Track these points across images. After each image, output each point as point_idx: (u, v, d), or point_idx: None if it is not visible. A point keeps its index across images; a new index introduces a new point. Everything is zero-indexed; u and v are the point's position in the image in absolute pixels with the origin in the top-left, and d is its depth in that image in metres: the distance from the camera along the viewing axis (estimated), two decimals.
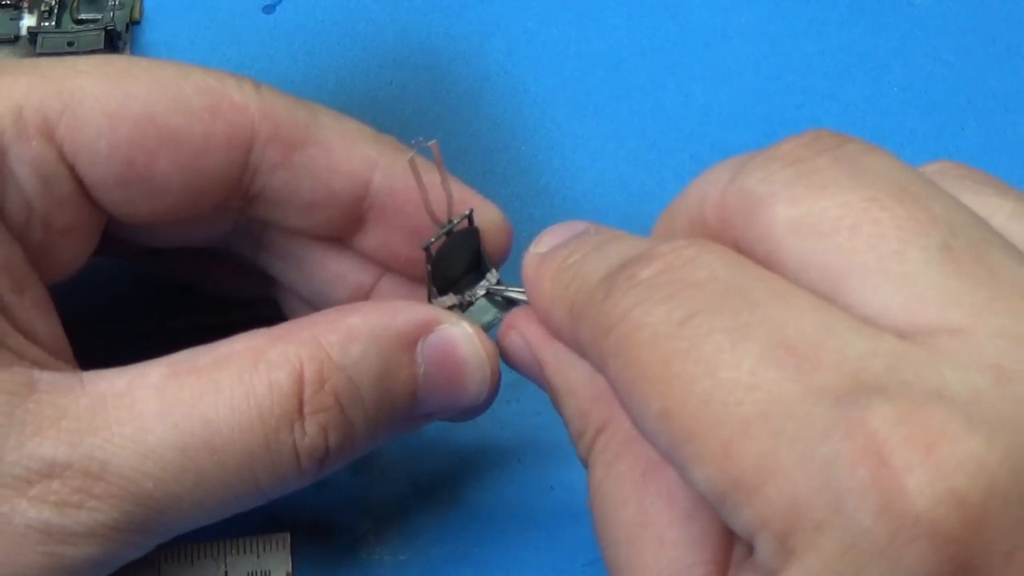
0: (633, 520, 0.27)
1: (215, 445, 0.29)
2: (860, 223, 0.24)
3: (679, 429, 0.23)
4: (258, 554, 0.36)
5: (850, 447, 0.21)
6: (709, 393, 0.22)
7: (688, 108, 0.45)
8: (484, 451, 0.39)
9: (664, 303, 0.24)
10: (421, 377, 0.31)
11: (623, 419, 0.28)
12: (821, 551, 0.21)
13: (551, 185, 0.44)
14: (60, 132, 0.31)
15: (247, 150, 0.32)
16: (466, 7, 0.47)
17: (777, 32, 0.47)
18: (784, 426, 0.22)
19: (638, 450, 0.27)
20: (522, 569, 0.37)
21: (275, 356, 0.29)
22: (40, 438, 0.28)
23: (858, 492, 0.21)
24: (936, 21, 0.47)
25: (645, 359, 0.24)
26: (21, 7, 0.46)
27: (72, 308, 0.32)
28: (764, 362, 0.22)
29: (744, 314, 0.23)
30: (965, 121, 0.45)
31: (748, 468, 0.22)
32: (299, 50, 0.46)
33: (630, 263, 0.25)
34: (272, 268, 0.36)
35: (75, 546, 0.28)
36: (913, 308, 0.23)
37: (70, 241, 0.32)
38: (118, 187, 0.32)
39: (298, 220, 0.34)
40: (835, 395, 0.21)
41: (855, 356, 0.22)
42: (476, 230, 0.34)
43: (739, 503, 0.22)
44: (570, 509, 0.38)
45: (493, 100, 0.45)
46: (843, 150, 0.25)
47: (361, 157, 0.33)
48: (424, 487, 0.38)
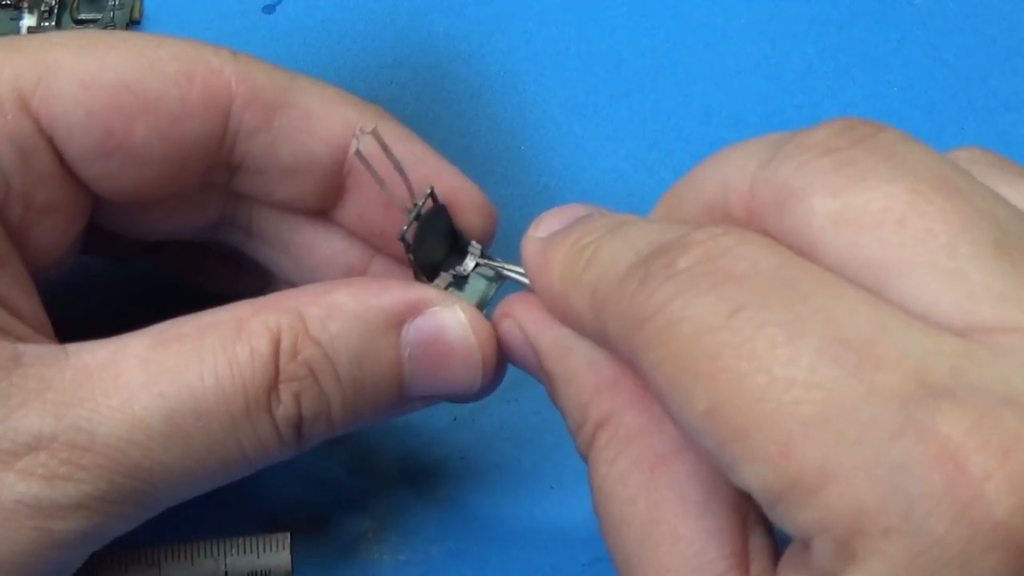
0: (643, 517, 0.26)
1: (200, 412, 0.28)
2: (907, 216, 0.23)
3: (729, 427, 0.22)
4: (258, 554, 0.36)
5: (921, 452, 0.20)
6: (763, 390, 0.22)
7: (688, 108, 0.45)
8: (484, 451, 0.39)
9: (707, 294, 0.23)
10: (407, 360, 0.30)
11: (626, 412, 0.27)
12: (888, 557, 0.20)
13: (551, 185, 0.44)
14: (35, 104, 0.31)
15: (225, 114, 0.32)
16: (466, 7, 0.47)
17: (777, 32, 0.47)
18: (847, 427, 0.21)
19: (644, 444, 0.27)
20: (522, 569, 0.37)
21: (256, 325, 0.29)
22: (25, 410, 0.28)
23: (932, 498, 0.20)
24: (936, 21, 0.47)
25: (689, 353, 0.23)
26: (21, 7, 0.46)
27: (64, 308, 0.32)
28: (822, 359, 0.21)
29: (797, 307, 0.22)
30: (965, 121, 0.45)
31: (808, 469, 0.21)
32: (299, 50, 0.46)
33: (664, 250, 0.25)
34: (263, 257, 0.36)
35: (64, 519, 0.28)
36: (967, 306, 0.22)
37: (52, 220, 0.32)
38: (98, 158, 0.31)
39: (280, 190, 0.34)
40: (900, 397, 0.21)
41: (917, 355, 0.21)
42: (443, 206, 0.33)
43: (796, 504, 0.21)
44: (570, 509, 0.38)
45: (493, 100, 0.45)
46: (878, 139, 0.25)
47: (340, 120, 0.33)
48: (424, 487, 0.38)
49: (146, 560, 0.35)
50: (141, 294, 0.40)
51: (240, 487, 0.31)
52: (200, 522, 0.36)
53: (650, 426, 0.27)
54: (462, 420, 0.39)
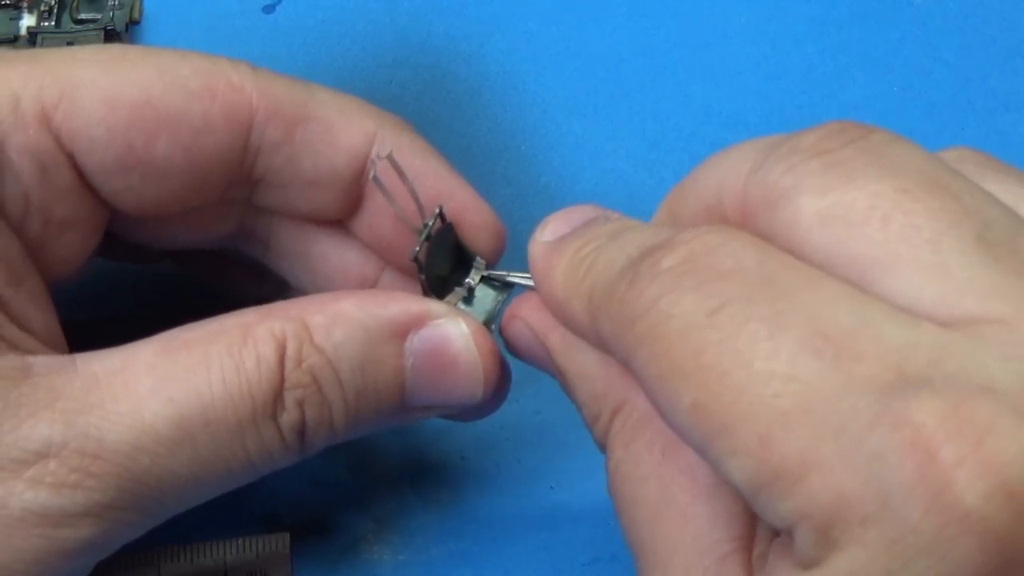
0: (655, 498, 0.27)
1: (209, 418, 0.28)
2: (892, 213, 0.23)
3: (713, 422, 0.22)
4: (258, 554, 0.36)
5: (897, 441, 0.21)
6: (744, 385, 0.22)
7: (688, 108, 0.45)
8: (484, 451, 0.39)
9: (692, 292, 0.23)
10: (410, 370, 0.31)
11: (639, 398, 0.28)
12: (867, 545, 0.21)
13: (551, 185, 0.44)
14: (57, 120, 0.31)
15: (247, 129, 0.32)
16: (466, 7, 0.47)
17: (777, 32, 0.47)
18: (826, 418, 0.21)
19: (656, 428, 0.27)
20: (522, 569, 0.37)
21: (263, 332, 0.29)
22: (35, 420, 0.28)
23: (906, 486, 0.20)
24: (936, 21, 0.47)
25: (675, 351, 0.23)
26: (21, 7, 0.46)
27: (79, 310, 0.32)
28: (802, 352, 0.22)
29: (778, 303, 0.23)
30: (965, 121, 0.45)
31: (788, 460, 0.21)
32: (299, 50, 0.46)
33: (651, 251, 0.25)
34: (279, 266, 0.36)
35: (73, 527, 0.28)
36: (951, 299, 0.22)
37: (70, 235, 0.32)
38: (118, 173, 0.31)
39: (301, 202, 0.34)
40: (878, 387, 0.21)
41: (896, 346, 0.22)
42: (450, 225, 0.34)
43: (778, 495, 0.22)
44: (570, 509, 0.38)
45: (493, 100, 0.45)
46: (868, 141, 0.25)
47: (360, 130, 0.33)
48: (424, 487, 0.38)
49: (146, 560, 0.35)
50: (157, 296, 0.40)
51: (240, 488, 0.31)
52: (200, 522, 0.36)
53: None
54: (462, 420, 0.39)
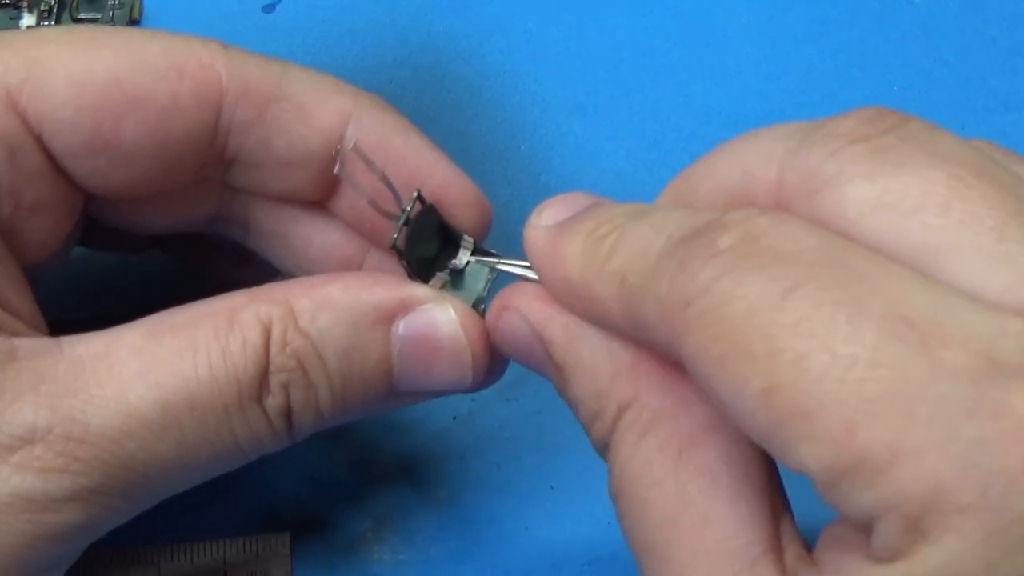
0: (670, 501, 0.26)
1: (195, 402, 0.28)
2: (950, 201, 0.23)
3: (787, 407, 0.22)
4: (258, 554, 0.36)
5: (998, 430, 0.20)
6: (825, 369, 0.21)
7: (688, 108, 0.45)
8: (484, 451, 0.39)
9: (758, 273, 0.23)
10: (396, 356, 0.30)
11: (650, 395, 0.27)
12: (964, 535, 0.20)
13: (551, 185, 0.44)
14: (23, 102, 0.30)
15: (217, 109, 0.32)
16: (466, 7, 0.47)
17: (777, 32, 0.47)
18: (917, 405, 0.21)
19: (671, 427, 0.26)
20: (522, 569, 0.37)
21: (248, 316, 0.29)
22: (20, 403, 0.28)
23: (1009, 475, 0.20)
24: (936, 21, 0.47)
25: (741, 334, 0.22)
26: (21, 6, 0.46)
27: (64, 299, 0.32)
28: (885, 337, 0.21)
29: (853, 286, 0.22)
30: (965, 121, 0.45)
31: (876, 448, 0.21)
32: (299, 50, 0.46)
33: (702, 231, 0.24)
34: (262, 249, 0.36)
35: (59, 512, 0.28)
36: (1020, 287, 0.22)
37: (42, 219, 0.32)
38: (87, 156, 0.31)
39: (276, 183, 0.34)
40: (970, 374, 0.21)
41: (982, 334, 0.21)
42: (431, 206, 0.33)
43: (861, 484, 0.21)
44: (570, 509, 0.38)
45: (493, 100, 0.45)
46: (908, 128, 0.24)
47: (336, 110, 0.33)
48: (424, 487, 0.38)
49: (145, 559, 0.35)
50: (143, 283, 0.40)
51: (240, 487, 0.31)
52: (200, 522, 0.36)
53: (677, 409, 0.27)
54: (462, 420, 0.39)
